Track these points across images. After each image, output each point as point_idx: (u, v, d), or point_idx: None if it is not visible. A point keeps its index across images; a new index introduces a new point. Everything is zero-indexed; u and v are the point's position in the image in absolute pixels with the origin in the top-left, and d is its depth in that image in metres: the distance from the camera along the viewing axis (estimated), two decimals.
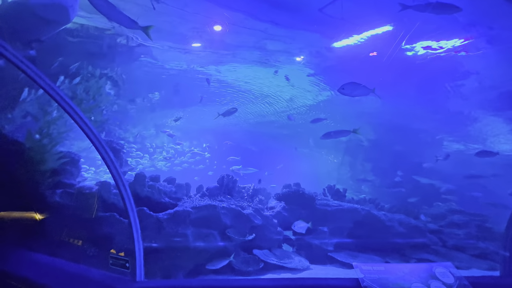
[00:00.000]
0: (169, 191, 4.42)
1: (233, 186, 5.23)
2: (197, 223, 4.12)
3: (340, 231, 5.88)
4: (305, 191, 6.19)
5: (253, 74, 11.46)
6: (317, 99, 13.07)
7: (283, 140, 13.98)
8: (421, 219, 6.38)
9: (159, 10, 7.67)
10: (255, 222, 4.90)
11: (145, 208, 3.74)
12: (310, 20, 8.45)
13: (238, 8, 7.94)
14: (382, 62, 9.81)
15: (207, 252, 4.19)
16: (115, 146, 4.64)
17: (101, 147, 2.16)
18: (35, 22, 3.10)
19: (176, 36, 9.23)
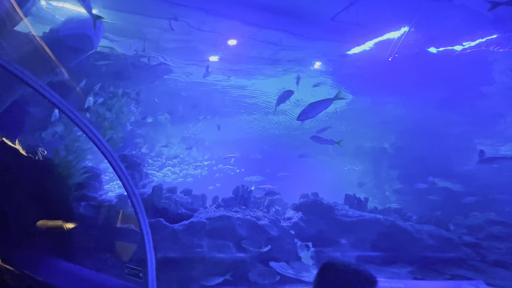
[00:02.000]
0: (185, 202, 4.54)
1: (248, 196, 5.23)
2: (212, 234, 4.17)
3: (363, 243, 5.59)
4: (324, 201, 6.01)
5: (270, 84, 11.57)
6: (336, 107, 12.81)
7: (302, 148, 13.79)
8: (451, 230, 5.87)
9: (178, 30, 8.11)
10: (271, 233, 4.84)
11: (162, 219, 3.87)
12: (324, 29, 8.43)
13: (252, 22, 8.16)
14: (403, 65, 9.46)
15: (222, 263, 4.19)
16: (135, 160, 4.91)
17: (113, 160, 2.31)
18: (65, 51, 3.48)
19: (195, 52, 9.66)
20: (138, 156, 5.10)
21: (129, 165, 4.75)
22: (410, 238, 5.63)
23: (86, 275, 3.07)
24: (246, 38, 8.48)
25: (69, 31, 3.57)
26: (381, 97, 11.41)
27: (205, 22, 7.99)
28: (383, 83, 10.25)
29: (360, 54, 9.16)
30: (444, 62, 8.59)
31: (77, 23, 3.68)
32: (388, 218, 5.75)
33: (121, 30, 8.11)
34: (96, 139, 2.43)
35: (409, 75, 9.61)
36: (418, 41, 8.13)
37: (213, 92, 11.61)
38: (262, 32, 8.63)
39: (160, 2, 7.08)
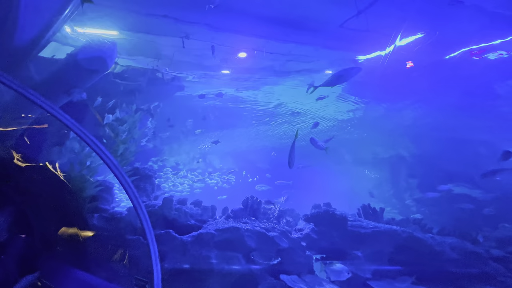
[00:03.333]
0: (195, 213, 4.60)
1: (257, 207, 5.21)
2: (221, 245, 4.17)
3: (379, 256, 5.33)
4: (336, 212, 5.84)
5: (283, 94, 11.66)
6: (349, 115, 12.62)
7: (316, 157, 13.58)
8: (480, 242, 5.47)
9: (190, 46, 8.48)
10: (281, 245, 4.76)
11: (171, 231, 3.95)
12: (334, 37, 8.46)
13: (261, 35, 8.36)
14: (419, 70, 9.23)
15: (232, 276, 4.16)
16: (147, 173, 5.09)
17: (120, 174, 2.44)
18: (81, 73, 3.79)
19: (207, 66, 10.01)
20: (150, 169, 5.29)
21: (141, 178, 4.93)
22: (431, 251, 5.31)
23: (99, 284, 3.18)
24: (256, 52, 8.68)
25: (85, 55, 3.89)
26: (397, 103, 11.13)
27: (215, 38, 8.29)
28: (398, 89, 10.01)
29: (373, 61, 9.06)
30: (463, 66, 8.28)
31: (92, 47, 4.01)
32: (405, 229, 5.47)
33: (137, 48, 8.62)
34: (102, 153, 2.59)
35: (426, 80, 9.34)
36: (434, 46, 7.93)
37: (223, 104, 11.87)
38: (270, 43, 8.81)
39: (173, 22, 7.47)
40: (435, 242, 5.46)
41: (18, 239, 2.82)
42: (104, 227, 3.53)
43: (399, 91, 10.20)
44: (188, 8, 7.00)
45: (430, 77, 8.78)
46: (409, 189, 11.21)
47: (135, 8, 6.66)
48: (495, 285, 4.97)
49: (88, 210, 3.63)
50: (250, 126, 13.83)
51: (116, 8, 6.42)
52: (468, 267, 5.17)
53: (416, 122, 10.39)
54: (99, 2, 6.14)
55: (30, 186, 3.83)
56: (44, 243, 3.67)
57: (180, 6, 6.89)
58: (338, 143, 13.76)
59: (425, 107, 10.08)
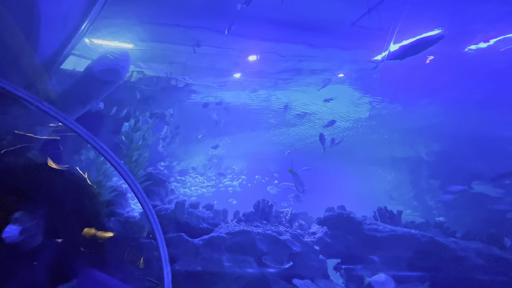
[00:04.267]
0: (207, 217, 4.67)
1: (269, 211, 5.19)
2: (233, 249, 4.20)
3: (397, 261, 5.12)
4: (351, 215, 5.70)
5: (296, 97, 11.60)
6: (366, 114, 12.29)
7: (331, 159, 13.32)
8: (507, 247, 5.11)
9: (202, 52, 8.68)
10: (294, 249, 4.70)
11: (183, 234, 4.04)
12: (345, 36, 8.32)
13: (270, 37, 8.39)
14: (438, 65, 8.83)
15: (244, 279, 4.17)
16: (161, 178, 5.25)
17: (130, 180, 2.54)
18: (97, 85, 4.02)
19: (218, 71, 10.18)
20: (164, 174, 5.45)
21: (154, 182, 5.10)
22: (453, 256, 5.02)
23: (115, 285, 3.32)
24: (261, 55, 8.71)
25: (100, 67, 4.12)
26: (416, 101, 10.71)
27: (225, 43, 8.43)
28: (417, 86, 9.64)
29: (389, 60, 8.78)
30: (486, 58, 7.83)
31: (106, 59, 4.24)
32: (425, 233, 5.22)
33: (152, 57, 8.96)
34: (112, 159, 2.72)
35: (446, 74, 8.92)
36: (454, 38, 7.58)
37: (236, 108, 11.98)
38: (280, 46, 8.81)
39: (185, 30, 7.70)
40: (459, 247, 5.16)
41: (51, 244, 2.84)
42: (119, 230, 3.69)
43: (418, 88, 9.81)
44: (199, 16, 7.19)
45: (451, 72, 8.36)
46: (431, 190, 10.68)
47: (148, 20, 6.95)
48: None
49: (105, 214, 3.80)
50: (262, 129, 13.86)
51: (130, 19, 6.74)
52: (495, 274, 4.83)
53: (436, 119, 9.92)
54: (114, 16, 6.49)
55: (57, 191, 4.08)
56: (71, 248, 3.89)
57: (191, 14, 7.09)
58: (355, 143, 13.43)
59: (445, 104, 9.61)
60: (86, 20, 3.84)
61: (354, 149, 13.53)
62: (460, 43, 7.50)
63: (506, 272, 4.88)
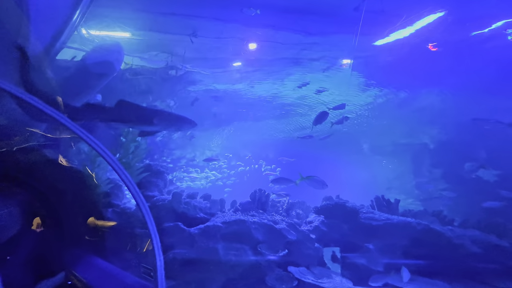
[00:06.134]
0: (204, 207, 4.77)
1: (266, 200, 5.27)
2: (228, 237, 4.31)
3: (392, 249, 5.19)
4: (347, 203, 5.74)
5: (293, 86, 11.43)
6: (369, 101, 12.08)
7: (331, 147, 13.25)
8: (505, 235, 5.12)
9: (200, 42, 8.55)
10: (289, 237, 4.80)
11: (180, 223, 4.15)
12: (347, 22, 8.08)
13: (269, 25, 8.18)
14: (443, 51, 8.56)
15: (240, 267, 4.30)
16: (159, 169, 5.34)
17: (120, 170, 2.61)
18: (91, 77, 4.03)
19: (218, 60, 10.05)
20: (162, 165, 5.54)
21: (153, 174, 5.19)
22: (449, 244, 5.05)
23: (113, 271, 3.48)
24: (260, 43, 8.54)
25: (93, 60, 4.12)
26: (419, 88, 10.47)
27: (223, 32, 8.27)
28: (420, 72, 9.39)
29: (392, 45, 8.55)
30: (491, 44, 7.54)
31: (100, 52, 4.22)
32: (421, 222, 5.24)
33: (150, 47, 8.87)
34: (103, 152, 2.79)
35: (450, 61, 8.65)
36: (458, 23, 7.29)
37: (236, 98, 11.90)
38: (280, 33, 8.60)
39: (181, 18, 7.56)
40: (455, 235, 5.19)
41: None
42: (116, 220, 3.81)
43: (422, 74, 9.56)
44: (195, 4, 7.03)
45: (455, 58, 8.10)
46: (433, 179, 10.61)
47: (143, 8, 6.83)
48: None
49: (103, 205, 3.93)
50: (264, 119, 13.79)
51: (125, 8, 6.64)
52: (490, 261, 4.87)
53: (439, 107, 9.71)
54: (109, 5, 6.40)
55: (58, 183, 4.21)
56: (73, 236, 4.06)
57: (187, 2, 6.94)
58: (357, 131, 13.30)
59: (449, 91, 9.38)
60: (77, 10, 3.80)
61: (356, 138, 13.42)
62: (464, 28, 7.22)
63: (501, 260, 4.91)
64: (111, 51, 4.26)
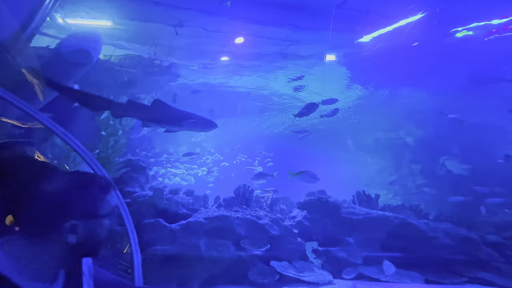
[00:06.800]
0: (186, 202, 4.71)
1: (249, 196, 5.28)
2: (211, 233, 4.29)
3: (371, 242, 5.37)
4: (330, 199, 5.86)
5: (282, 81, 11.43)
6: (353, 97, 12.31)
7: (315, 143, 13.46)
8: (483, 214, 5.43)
9: (185, 33, 8.31)
10: (272, 232, 4.85)
11: (161, 220, 4.08)
12: (334, 19, 8.12)
13: (256, 19, 8.10)
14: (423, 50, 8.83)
15: (222, 262, 4.30)
16: (141, 164, 5.21)
17: (94, 164, 2.53)
18: (66, 67, 3.81)
19: (204, 54, 9.83)
20: (144, 160, 5.39)
21: (134, 169, 5.05)
22: (424, 237, 5.29)
23: None
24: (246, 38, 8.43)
25: (68, 48, 3.89)
26: (401, 86, 10.77)
27: (208, 24, 8.09)
28: (401, 71, 9.65)
29: (374, 43, 8.72)
30: (468, 45, 7.85)
31: (75, 40, 3.99)
32: (398, 216, 5.46)
33: (132, 37, 8.52)
34: (74, 144, 2.67)
35: (429, 61, 8.95)
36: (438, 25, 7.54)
37: (223, 93, 11.77)
38: (267, 29, 8.53)
39: (165, 9, 7.31)
40: (429, 228, 5.43)
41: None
42: None
43: (403, 73, 9.83)
44: None
45: (434, 58, 8.39)
46: (412, 175, 11.06)
47: None
48: (488, 271, 4.96)
49: None
50: (250, 114, 13.74)
51: None
52: (461, 253, 5.15)
53: (419, 105, 10.06)
54: None
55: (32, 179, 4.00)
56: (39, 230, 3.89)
57: None
58: (340, 128, 13.55)
59: (428, 90, 9.74)
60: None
61: (340, 134, 13.69)
62: (444, 28, 7.47)
63: (471, 250, 5.21)
64: (88, 39, 4.04)
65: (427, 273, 4.91)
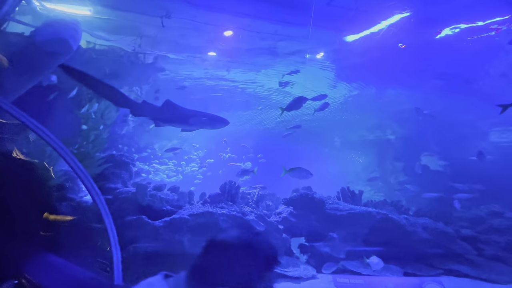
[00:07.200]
0: (171, 199, 4.64)
1: (236, 192, 5.26)
2: (195, 230, 4.24)
3: (354, 237, 5.51)
4: (315, 195, 5.95)
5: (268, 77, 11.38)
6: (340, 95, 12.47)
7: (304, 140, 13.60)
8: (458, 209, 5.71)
9: (172, 25, 8.07)
10: (257, 228, 4.86)
11: (143, 216, 3.99)
12: (322, 16, 8.14)
13: (245, 13, 7.98)
14: (406, 52, 9.07)
15: None
16: (124, 159, 5.05)
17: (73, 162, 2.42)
18: (42, 56, 3.59)
19: (191, 47, 9.60)
20: (127, 156, 5.23)
21: (116, 165, 4.89)
22: (403, 231, 5.49)
23: (70, 269, 3.26)
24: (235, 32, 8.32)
25: (44, 37, 3.66)
26: (385, 84, 11.01)
27: (196, 16, 7.90)
28: (386, 70, 9.85)
29: (362, 42, 8.82)
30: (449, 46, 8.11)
31: (52, 27, 3.76)
32: (380, 211, 5.62)
33: (117, 28, 8.18)
34: (49, 139, 2.54)
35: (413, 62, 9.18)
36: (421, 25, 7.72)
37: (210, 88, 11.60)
38: (256, 23, 8.44)
39: None
40: (409, 223, 5.64)
41: None
42: (72, 215, 3.55)
43: (387, 72, 10.04)
44: None
45: (416, 59, 8.63)
46: (395, 172, 11.42)
47: None
48: (462, 263, 5.22)
49: (57, 198, 3.62)
50: (237, 110, 13.64)
51: None
52: (438, 246, 5.39)
53: (402, 104, 10.36)
54: None
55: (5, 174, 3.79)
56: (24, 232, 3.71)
57: None
58: (328, 125, 13.73)
59: (411, 90, 10.03)
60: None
61: (327, 131, 13.89)
62: (427, 29, 7.66)
63: (446, 244, 5.46)
64: (66, 27, 3.81)
65: (406, 266, 5.11)
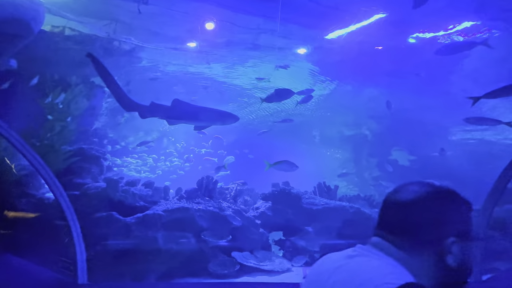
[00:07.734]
0: (145, 195, 4.48)
1: (213, 187, 5.20)
2: (170, 226, 4.15)
3: (328, 231, 5.69)
4: (292, 190, 6.04)
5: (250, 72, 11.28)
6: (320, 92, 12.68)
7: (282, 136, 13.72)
8: None
9: (150, 12, 7.67)
10: (235, 223, 4.86)
11: (114, 213, 3.82)
12: (303, 13, 8.16)
13: (227, 5, 7.80)
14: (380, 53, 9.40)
15: (182, 255, 4.21)
16: (94, 153, 4.77)
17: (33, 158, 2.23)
18: None
19: (169, 37, 9.22)
20: (98, 149, 4.95)
21: (85, 158, 4.61)
22: (374, 224, 5.75)
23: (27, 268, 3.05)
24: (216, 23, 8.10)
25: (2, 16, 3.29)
26: (362, 82, 11.36)
27: (175, 4, 7.59)
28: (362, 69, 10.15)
29: (342, 40, 8.98)
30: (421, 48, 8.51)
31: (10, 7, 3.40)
32: (353, 205, 5.84)
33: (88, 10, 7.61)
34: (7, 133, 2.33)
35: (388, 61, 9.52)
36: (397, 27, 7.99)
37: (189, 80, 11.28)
38: (238, 16, 8.28)
39: None
40: None
41: None
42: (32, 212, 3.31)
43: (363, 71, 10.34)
44: None
45: (391, 59, 8.97)
46: (369, 167, 11.92)
47: None
48: None
49: (16, 194, 3.35)
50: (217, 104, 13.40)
51: None
52: None
53: (377, 101, 10.78)
54: None
55: None
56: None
57: None
58: (307, 122, 13.95)
59: (386, 88, 10.45)
60: None
61: (306, 127, 14.12)
62: (400, 31, 7.95)
63: None
64: (26, 7, 3.47)
65: None
